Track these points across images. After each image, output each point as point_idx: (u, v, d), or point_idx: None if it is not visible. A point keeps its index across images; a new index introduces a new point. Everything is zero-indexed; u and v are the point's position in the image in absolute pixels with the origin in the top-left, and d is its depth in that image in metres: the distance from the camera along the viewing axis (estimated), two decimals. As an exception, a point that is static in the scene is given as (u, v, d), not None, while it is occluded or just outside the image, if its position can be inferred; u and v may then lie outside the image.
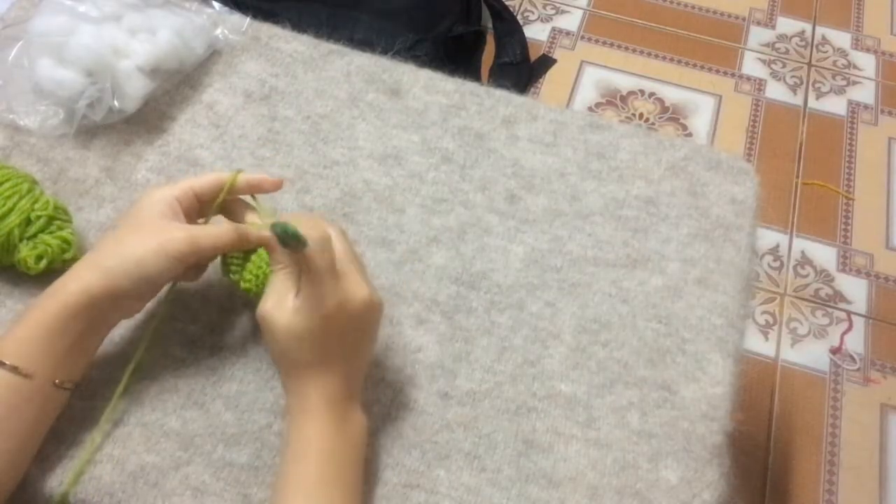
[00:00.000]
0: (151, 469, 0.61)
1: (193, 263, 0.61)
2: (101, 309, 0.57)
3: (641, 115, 1.70)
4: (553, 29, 1.84)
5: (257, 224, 0.62)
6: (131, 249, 0.57)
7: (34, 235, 0.66)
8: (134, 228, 0.59)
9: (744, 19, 1.90)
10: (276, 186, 0.64)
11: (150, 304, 0.63)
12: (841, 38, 1.88)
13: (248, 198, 0.64)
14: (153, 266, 0.57)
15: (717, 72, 1.79)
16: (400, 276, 0.72)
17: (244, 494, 0.60)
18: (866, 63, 1.84)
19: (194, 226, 0.61)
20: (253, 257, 0.62)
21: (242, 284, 0.62)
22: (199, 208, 0.63)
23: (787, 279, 1.50)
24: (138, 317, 0.64)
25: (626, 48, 1.81)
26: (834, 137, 1.70)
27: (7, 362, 0.55)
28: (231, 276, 0.63)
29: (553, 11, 1.88)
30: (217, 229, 0.60)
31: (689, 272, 0.74)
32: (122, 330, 0.64)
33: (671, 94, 1.74)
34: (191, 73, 0.83)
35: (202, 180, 0.62)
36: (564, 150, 0.82)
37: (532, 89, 1.72)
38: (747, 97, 1.75)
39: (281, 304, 0.56)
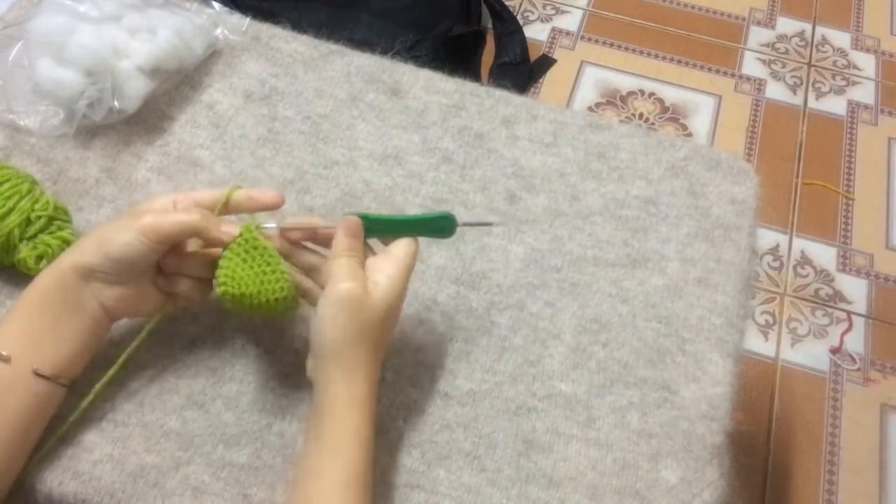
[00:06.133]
0: (151, 469, 0.61)
1: (171, 250, 0.61)
2: (71, 285, 0.58)
3: (641, 115, 1.70)
4: (553, 29, 1.84)
5: (229, 220, 0.61)
6: (102, 230, 0.59)
7: (34, 236, 0.66)
8: (117, 219, 0.61)
9: (744, 19, 1.90)
10: (277, 202, 0.62)
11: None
12: (841, 38, 1.88)
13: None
14: (118, 242, 0.57)
15: (717, 72, 1.79)
16: (400, 276, 0.72)
17: (244, 494, 0.60)
18: (866, 63, 1.83)
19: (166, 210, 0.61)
20: (221, 260, 0.60)
21: (218, 288, 0.60)
22: None
23: (787, 279, 1.50)
24: (139, 321, 0.64)
25: (626, 48, 1.81)
26: (834, 137, 1.70)
27: None
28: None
29: (553, 11, 1.87)
30: (182, 212, 0.60)
31: (689, 272, 0.74)
32: (121, 331, 0.64)
33: (671, 94, 1.74)
34: (191, 73, 0.83)
35: (204, 194, 0.62)
36: (564, 150, 0.82)
37: (532, 89, 1.71)
38: (747, 97, 1.75)
39: (362, 284, 0.57)
